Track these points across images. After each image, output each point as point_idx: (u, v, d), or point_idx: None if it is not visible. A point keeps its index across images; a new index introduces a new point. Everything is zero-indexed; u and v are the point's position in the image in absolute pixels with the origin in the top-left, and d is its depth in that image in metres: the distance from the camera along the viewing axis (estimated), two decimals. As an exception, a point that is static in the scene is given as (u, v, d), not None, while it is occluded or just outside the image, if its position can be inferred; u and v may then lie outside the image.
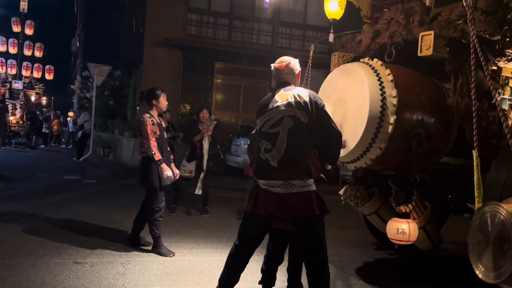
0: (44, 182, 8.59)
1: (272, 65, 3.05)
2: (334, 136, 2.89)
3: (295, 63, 3.02)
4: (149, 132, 4.31)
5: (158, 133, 4.40)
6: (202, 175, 6.23)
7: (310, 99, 2.83)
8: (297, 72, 3.02)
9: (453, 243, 5.04)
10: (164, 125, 4.62)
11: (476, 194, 2.97)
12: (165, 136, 4.61)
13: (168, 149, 4.60)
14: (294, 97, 2.84)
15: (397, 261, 4.87)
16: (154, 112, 4.51)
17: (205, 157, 6.17)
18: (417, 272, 4.50)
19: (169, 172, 4.34)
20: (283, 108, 2.84)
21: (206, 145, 6.18)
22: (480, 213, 2.92)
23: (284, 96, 2.88)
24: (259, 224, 2.96)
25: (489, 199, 3.06)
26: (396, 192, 3.94)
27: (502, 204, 2.83)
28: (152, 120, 4.39)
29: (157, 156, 4.29)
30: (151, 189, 4.36)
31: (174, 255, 4.29)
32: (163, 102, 4.52)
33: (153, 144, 4.30)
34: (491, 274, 2.81)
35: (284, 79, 3.00)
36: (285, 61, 3.02)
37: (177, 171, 4.63)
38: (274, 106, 2.88)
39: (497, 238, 2.77)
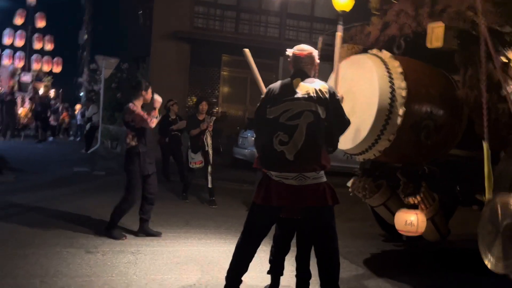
0: (54, 175, 8.69)
1: (290, 51, 3.00)
2: (342, 126, 2.95)
3: (315, 54, 3.01)
4: (141, 113, 4.42)
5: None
6: (210, 168, 6.38)
7: (330, 94, 2.86)
8: (316, 62, 3.02)
9: (460, 235, 5.05)
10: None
11: (486, 186, 2.98)
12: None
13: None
14: (316, 92, 2.83)
15: (405, 252, 4.89)
16: (139, 103, 4.58)
17: (210, 151, 6.32)
18: (425, 264, 4.52)
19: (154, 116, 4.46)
20: (304, 101, 2.82)
21: (209, 140, 6.33)
22: (491, 204, 2.93)
23: (305, 88, 2.86)
24: (268, 215, 2.98)
25: (498, 191, 3.07)
26: (405, 184, 3.96)
27: None
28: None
29: (152, 122, 4.48)
30: (130, 180, 4.52)
31: (126, 238, 4.42)
32: (150, 94, 4.63)
33: (153, 120, 4.45)
34: (500, 264, 2.82)
35: (302, 68, 2.97)
36: (307, 50, 3.00)
37: (154, 169, 4.72)
38: (294, 97, 2.85)
39: (507, 228, 2.78)
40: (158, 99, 4.62)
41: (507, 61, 3.81)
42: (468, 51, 3.54)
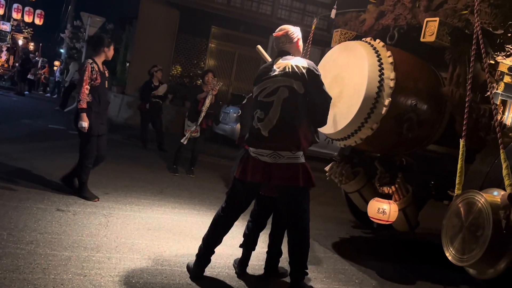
0: (28, 129, 8.47)
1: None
2: (324, 101, 2.90)
3: (293, 31, 2.99)
4: (85, 78, 4.24)
5: (98, 80, 4.33)
6: (198, 134, 6.32)
7: (308, 69, 2.83)
8: (295, 40, 2.99)
9: (428, 228, 5.21)
10: (107, 75, 4.51)
11: (457, 181, 3.06)
12: (106, 86, 4.51)
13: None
14: (292, 67, 2.83)
15: (372, 240, 5.02)
16: (99, 60, 4.43)
17: (203, 114, 6.20)
18: (391, 252, 4.65)
19: (85, 123, 4.24)
20: (280, 77, 2.84)
21: (207, 103, 6.22)
22: (459, 199, 3.02)
23: (282, 65, 2.87)
24: (247, 190, 3.01)
25: (470, 189, 3.16)
26: (381, 173, 4.03)
27: (481, 193, 2.93)
28: (92, 67, 4.30)
29: (81, 104, 4.24)
30: (81, 135, 4.37)
31: (98, 200, 4.35)
32: (111, 51, 4.48)
33: (84, 91, 4.23)
34: (460, 257, 2.94)
35: (282, 48, 2.99)
36: (284, 29, 3.00)
37: (105, 130, 4.55)
38: (272, 75, 2.87)
39: (472, 224, 2.88)
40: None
41: (494, 63, 3.89)
42: (459, 49, 3.58)
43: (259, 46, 3.48)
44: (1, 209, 3.67)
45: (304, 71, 2.82)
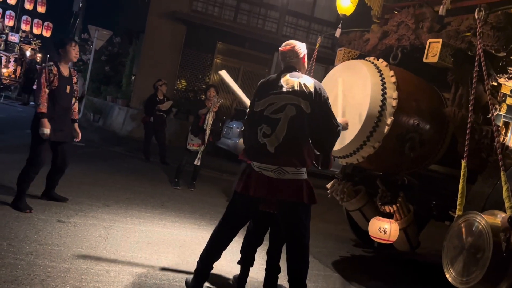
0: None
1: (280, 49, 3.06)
2: (332, 128, 2.92)
3: (299, 47, 3.02)
4: (42, 81, 4.08)
5: (56, 84, 4.15)
6: (202, 147, 6.44)
7: (315, 89, 2.85)
8: (301, 55, 3.02)
9: (429, 248, 5.17)
10: (75, 80, 4.38)
11: (458, 202, 3.05)
12: (69, 91, 4.32)
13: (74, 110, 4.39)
14: (300, 86, 2.85)
15: (373, 259, 4.98)
16: (62, 63, 4.28)
17: (207, 131, 6.35)
18: (392, 272, 4.61)
19: (46, 129, 4.07)
20: (288, 95, 2.85)
21: (210, 120, 6.36)
22: (460, 220, 3.00)
23: (290, 82, 2.89)
24: (247, 205, 3.00)
25: (472, 210, 3.14)
26: (383, 192, 4.03)
27: (482, 215, 2.92)
28: (50, 69, 4.14)
29: (41, 108, 4.06)
30: (33, 140, 4.19)
31: (30, 211, 3.99)
32: (71, 51, 4.27)
33: (42, 94, 4.07)
34: (460, 279, 2.91)
35: (288, 63, 3.01)
36: (290, 44, 3.03)
37: (78, 134, 4.44)
38: (279, 91, 2.89)
39: (472, 246, 2.86)
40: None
41: (496, 84, 3.91)
42: (462, 71, 3.60)
43: (222, 72, 3.54)
44: (2, 219, 3.68)
45: (312, 90, 2.84)
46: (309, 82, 2.88)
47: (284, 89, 2.87)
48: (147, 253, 3.61)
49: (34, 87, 18.34)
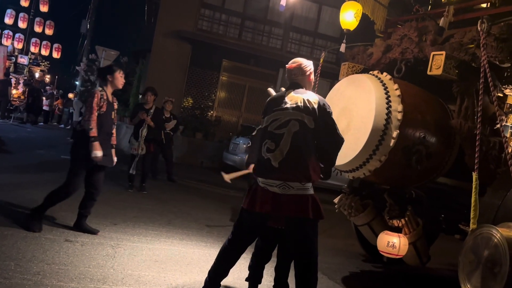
0: (41, 158, 8.61)
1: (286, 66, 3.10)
2: (335, 142, 2.93)
3: (306, 64, 3.05)
4: (93, 105, 4.08)
5: (104, 109, 4.18)
6: (136, 158, 6.81)
7: (319, 105, 2.87)
8: (307, 73, 3.04)
9: (440, 263, 5.09)
10: (115, 106, 4.40)
11: (471, 216, 3.01)
12: (113, 117, 4.37)
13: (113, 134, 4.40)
14: (304, 102, 2.87)
15: (383, 274, 4.91)
16: (109, 89, 4.30)
17: (141, 142, 6.70)
18: (402, 287, 4.54)
19: (99, 152, 4.06)
20: (291, 110, 2.87)
21: (144, 132, 6.70)
22: (475, 234, 2.96)
23: (294, 99, 2.91)
24: (255, 221, 2.99)
25: (482, 222, 3.10)
26: (391, 206, 3.99)
27: (497, 228, 2.87)
28: (102, 95, 4.17)
29: (93, 132, 4.05)
30: (73, 164, 4.17)
31: (39, 231, 3.96)
32: (118, 78, 4.32)
33: (93, 118, 4.07)
34: None
35: (294, 80, 3.04)
36: (297, 61, 3.06)
37: (115, 159, 4.44)
38: (283, 107, 2.91)
39: (488, 260, 2.81)
40: None
41: (502, 96, 3.90)
42: (466, 82, 3.60)
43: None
44: (10, 239, 3.69)
45: (315, 106, 2.86)
46: (313, 98, 2.90)
47: (288, 105, 2.90)
48: (154, 272, 3.59)
49: (45, 107, 18.70)
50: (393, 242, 3.73)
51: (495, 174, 3.68)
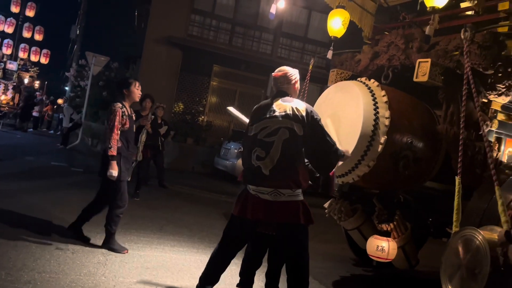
0: (31, 165, 8.55)
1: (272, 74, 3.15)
2: (327, 149, 2.98)
3: (292, 73, 3.11)
4: (116, 123, 4.06)
5: (127, 125, 4.18)
6: (133, 164, 6.60)
7: (307, 112, 2.92)
8: (293, 82, 3.10)
9: (428, 266, 5.15)
10: (134, 117, 4.40)
11: (454, 219, 3.08)
12: (134, 130, 4.41)
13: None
14: (292, 110, 2.92)
15: (373, 278, 4.96)
16: (127, 103, 4.28)
17: (140, 148, 6.59)
18: (392, 291, 4.59)
19: (114, 172, 4.03)
20: (280, 119, 2.92)
21: (143, 137, 6.63)
22: (457, 236, 3.02)
23: (282, 107, 2.96)
24: (245, 228, 3.03)
25: (468, 226, 3.16)
26: (380, 210, 4.05)
27: (479, 230, 2.94)
28: (123, 111, 4.15)
29: (112, 151, 4.02)
30: (111, 183, 4.11)
31: (127, 252, 4.10)
32: (135, 92, 4.30)
33: (114, 137, 4.05)
34: None
35: (280, 88, 3.10)
36: (282, 70, 3.12)
37: (129, 176, 4.41)
38: (272, 115, 2.96)
39: (470, 261, 2.87)
40: None
41: (487, 101, 3.98)
42: (452, 89, 3.67)
43: (230, 108, 3.77)
44: (0, 248, 3.67)
45: (303, 114, 2.91)
46: (301, 106, 2.95)
47: (277, 113, 2.94)
48: (145, 278, 3.60)
49: (35, 113, 18.55)
50: (382, 246, 3.78)
51: (481, 178, 3.75)
